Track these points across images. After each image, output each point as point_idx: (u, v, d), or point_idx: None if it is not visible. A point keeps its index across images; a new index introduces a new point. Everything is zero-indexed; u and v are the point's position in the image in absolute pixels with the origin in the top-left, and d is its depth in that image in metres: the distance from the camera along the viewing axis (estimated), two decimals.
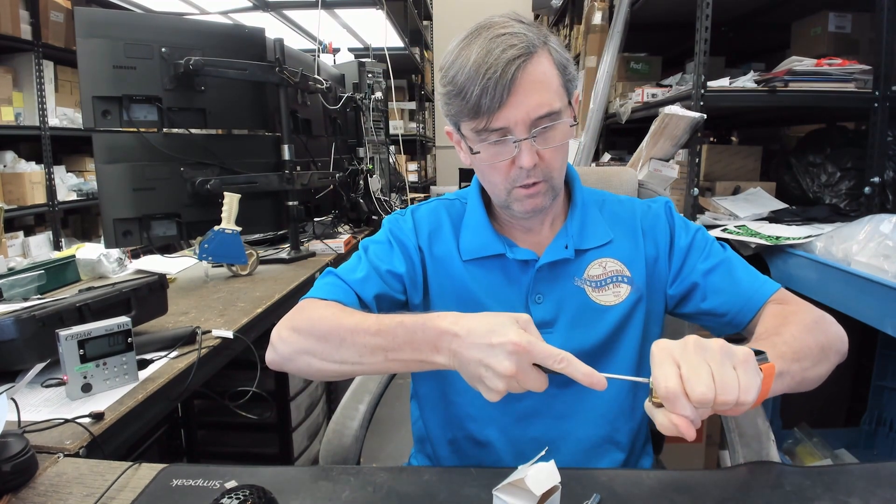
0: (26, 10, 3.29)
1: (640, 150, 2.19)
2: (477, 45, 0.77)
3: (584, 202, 0.93)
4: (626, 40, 2.86)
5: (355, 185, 2.64)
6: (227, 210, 1.67)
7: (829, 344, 0.76)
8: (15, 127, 3.30)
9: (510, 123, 0.78)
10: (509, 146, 0.80)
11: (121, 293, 1.14)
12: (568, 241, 0.89)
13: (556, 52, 0.81)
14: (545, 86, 0.78)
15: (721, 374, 0.56)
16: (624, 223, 0.93)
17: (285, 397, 1.80)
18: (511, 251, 0.89)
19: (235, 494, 0.60)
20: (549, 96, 0.78)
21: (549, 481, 0.57)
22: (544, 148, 0.80)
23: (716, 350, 0.58)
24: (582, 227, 0.91)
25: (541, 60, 0.78)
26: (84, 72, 1.54)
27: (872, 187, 2.03)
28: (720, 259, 0.89)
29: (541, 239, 0.92)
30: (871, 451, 2.00)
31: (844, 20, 2.21)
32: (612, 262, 0.89)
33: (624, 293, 0.88)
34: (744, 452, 0.88)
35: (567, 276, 0.89)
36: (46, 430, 0.83)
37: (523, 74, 0.76)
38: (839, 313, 1.61)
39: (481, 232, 0.91)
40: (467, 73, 0.76)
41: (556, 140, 0.81)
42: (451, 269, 0.91)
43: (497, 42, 0.76)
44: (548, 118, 0.79)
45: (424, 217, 0.96)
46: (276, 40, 1.87)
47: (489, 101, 0.76)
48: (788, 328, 0.74)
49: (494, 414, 0.89)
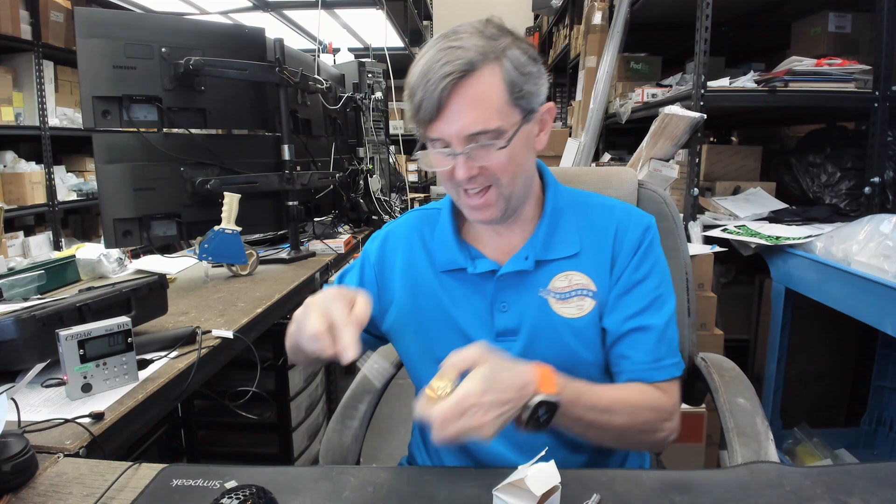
0: (26, 10, 3.29)
1: (640, 150, 2.19)
2: (427, 55, 0.78)
3: (557, 209, 0.92)
4: (626, 40, 2.86)
5: (355, 185, 2.64)
6: (227, 210, 1.67)
7: (634, 435, 0.84)
8: (15, 127, 3.30)
9: (445, 136, 0.79)
10: (449, 156, 0.80)
11: (121, 293, 1.14)
12: (530, 252, 0.89)
13: (508, 68, 0.79)
14: (482, 104, 0.77)
15: (480, 416, 0.66)
16: (598, 233, 0.91)
17: (285, 397, 1.80)
18: (473, 265, 0.90)
19: (235, 494, 0.61)
20: (486, 115, 0.77)
21: (549, 481, 0.57)
22: (480, 164, 0.80)
23: (498, 400, 0.68)
24: (549, 237, 0.90)
25: (480, 79, 0.77)
26: (84, 72, 1.53)
27: (872, 187, 2.03)
28: (648, 324, 0.87)
29: (510, 247, 0.91)
30: (871, 451, 2.00)
31: (844, 20, 2.21)
32: (579, 275, 0.89)
33: (588, 307, 0.88)
34: (742, 452, 0.87)
35: (531, 286, 0.89)
36: (46, 430, 0.83)
37: (456, 92, 0.76)
38: (839, 313, 1.62)
39: (448, 245, 0.93)
40: (414, 81, 0.78)
41: (494, 158, 0.80)
42: (424, 281, 0.93)
43: (441, 55, 0.76)
44: (484, 136, 0.78)
45: (394, 236, 0.98)
46: (276, 40, 1.87)
47: (424, 113, 0.78)
48: (620, 400, 0.82)
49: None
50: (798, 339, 2.03)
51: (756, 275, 2.30)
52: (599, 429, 0.80)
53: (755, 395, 0.99)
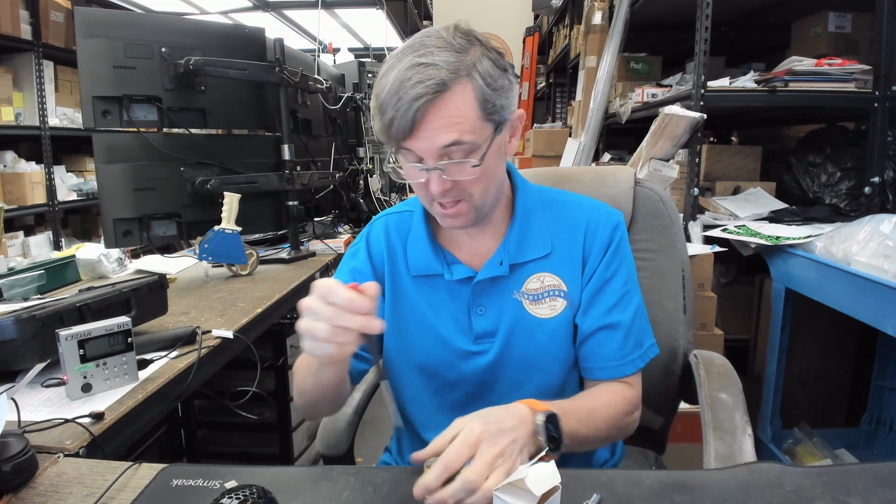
0: (26, 10, 3.29)
1: (640, 150, 2.19)
2: (396, 71, 0.77)
3: (527, 210, 0.93)
4: (626, 40, 2.86)
5: (355, 184, 2.65)
6: (227, 210, 1.67)
7: (614, 434, 0.88)
8: (15, 127, 3.31)
9: (418, 151, 0.79)
10: (421, 171, 0.81)
11: (121, 293, 1.14)
12: (504, 257, 0.90)
13: (479, 84, 0.78)
14: (454, 120, 0.77)
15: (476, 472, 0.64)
16: (568, 231, 0.93)
17: (285, 397, 1.80)
18: (449, 271, 0.91)
19: (235, 494, 0.60)
20: (458, 131, 0.77)
21: (549, 481, 0.57)
22: (454, 178, 0.80)
23: (502, 429, 0.69)
24: (521, 240, 0.91)
25: (452, 97, 0.77)
26: (84, 72, 1.54)
27: (872, 187, 2.03)
28: (616, 321, 0.90)
29: (483, 250, 0.93)
30: (871, 451, 2.00)
31: (844, 20, 2.21)
32: (550, 276, 0.91)
33: (560, 307, 0.90)
34: (716, 446, 0.85)
35: (506, 289, 0.91)
36: (46, 430, 0.83)
37: (429, 111, 0.76)
38: (839, 313, 1.62)
39: (423, 249, 0.93)
40: (384, 97, 0.77)
41: (466, 173, 0.80)
42: (402, 284, 0.94)
43: (412, 72, 0.75)
44: (458, 152, 0.78)
45: (376, 240, 0.98)
46: (276, 40, 1.87)
47: (396, 131, 0.77)
48: (599, 408, 0.86)
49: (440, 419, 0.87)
50: (798, 339, 2.03)
51: (756, 275, 2.30)
52: (586, 439, 0.82)
53: (740, 390, 0.98)
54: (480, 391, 0.93)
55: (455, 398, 0.93)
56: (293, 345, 1.82)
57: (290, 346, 1.80)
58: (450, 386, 0.93)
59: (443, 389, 0.94)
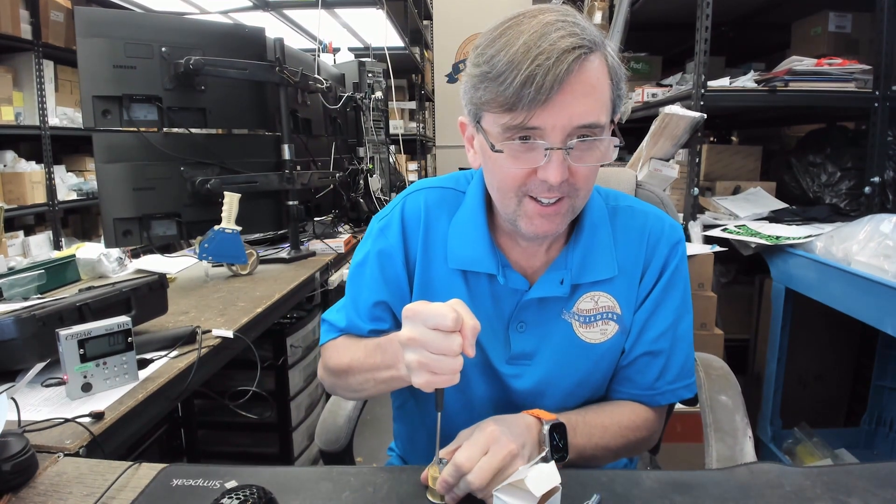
0: (26, 9, 3.28)
1: (640, 150, 2.19)
2: (529, 26, 0.64)
3: (594, 223, 0.81)
4: (626, 40, 2.86)
5: (355, 184, 2.64)
6: (227, 210, 1.67)
7: (624, 452, 0.84)
8: (15, 126, 3.30)
9: (547, 126, 0.65)
10: (538, 152, 0.67)
11: (121, 293, 1.14)
12: (565, 275, 0.79)
13: (613, 63, 0.69)
14: (597, 92, 0.66)
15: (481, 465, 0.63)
16: (630, 248, 0.83)
17: (285, 397, 1.80)
18: (503, 275, 0.80)
19: (235, 494, 0.60)
20: (598, 106, 0.67)
21: (549, 482, 0.57)
22: (577, 165, 0.69)
23: (511, 432, 0.67)
24: (585, 257, 0.80)
25: (596, 64, 0.66)
26: (84, 71, 1.53)
27: (872, 187, 2.03)
28: (661, 348, 0.83)
29: (535, 261, 0.82)
30: (871, 451, 2.00)
31: (844, 20, 2.21)
32: (605, 296, 0.81)
33: (611, 331, 0.82)
34: (717, 448, 0.86)
35: (555, 307, 0.81)
36: (46, 429, 0.83)
37: (579, 71, 0.63)
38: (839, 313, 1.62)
39: (476, 242, 0.80)
40: (511, 55, 0.63)
41: (593, 159, 0.69)
42: (436, 274, 0.83)
43: (555, 27, 0.63)
44: (590, 130, 0.67)
45: (413, 216, 0.84)
46: (276, 40, 1.87)
47: (533, 93, 0.62)
48: (612, 425, 0.81)
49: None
50: (798, 339, 2.03)
51: (756, 275, 2.30)
52: (594, 456, 0.78)
53: (739, 393, 0.99)
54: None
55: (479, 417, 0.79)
56: (293, 344, 1.82)
57: (290, 346, 1.80)
58: (475, 403, 0.84)
59: (469, 406, 0.84)
